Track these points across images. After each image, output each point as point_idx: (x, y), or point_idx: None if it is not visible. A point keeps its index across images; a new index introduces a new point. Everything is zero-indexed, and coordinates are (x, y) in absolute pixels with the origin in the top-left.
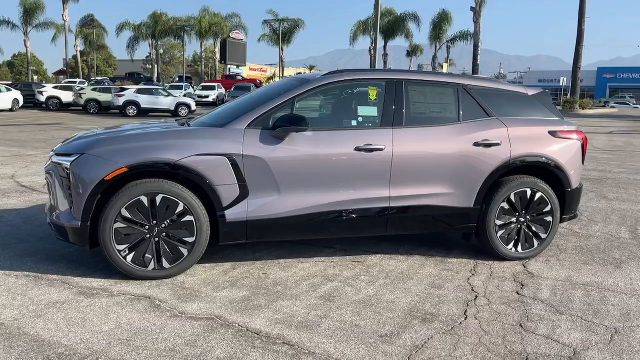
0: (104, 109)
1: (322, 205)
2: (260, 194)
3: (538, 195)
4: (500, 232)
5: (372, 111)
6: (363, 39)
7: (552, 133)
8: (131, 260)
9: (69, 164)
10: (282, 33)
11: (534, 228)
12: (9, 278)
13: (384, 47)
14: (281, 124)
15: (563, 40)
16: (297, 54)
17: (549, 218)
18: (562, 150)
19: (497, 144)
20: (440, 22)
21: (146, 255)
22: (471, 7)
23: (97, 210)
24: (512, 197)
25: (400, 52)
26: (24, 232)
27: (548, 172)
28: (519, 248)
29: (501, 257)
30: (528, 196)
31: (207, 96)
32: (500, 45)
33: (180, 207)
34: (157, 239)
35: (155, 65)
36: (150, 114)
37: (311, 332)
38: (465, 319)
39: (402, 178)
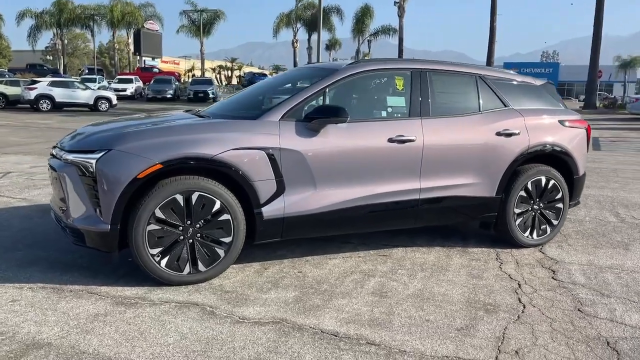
0: (11, 104)
1: (357, 199)
2: (296, 190)
3: (551, 183)
4: (518, 221)
5: (400, 101)
6: (286, 31)
7: (562, 122)
8: (166, 265)
9: (94, 162)
10: (202, 24)
11: (547, 215)
12: (24, 291)
13: (308, 40)
14: (318, 115)
15: (467, 36)
16: (207, 47)
17: (560, 205)
18: (571, 138)
19: (517, 134)
20: (363, 16)
21: (181, 258)
22: (395, 1)
23: (125, 212)
24: (529, 185)
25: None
26: (6, 240)
27: (559, 160)
28: (534, 235)
29: (518, 245)
30: (543, 184)
31: (124, 90)
32: (408, 41)
33: (217, 206)
34: (191, 240)
35: (62, 57)
36: (65, 109)
37: (388, 330)
38: (524, 308)
39: (432, 169)
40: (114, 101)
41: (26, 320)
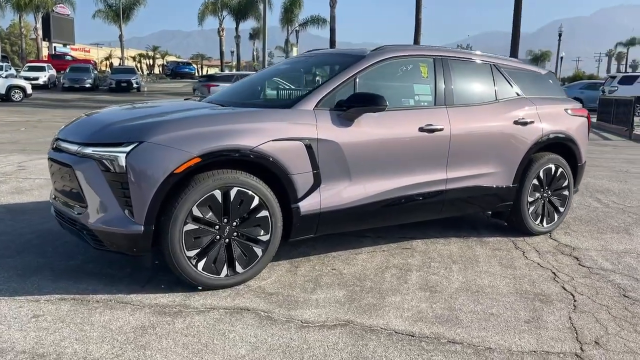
0: None
1: (390, 191)
2: (332, 182)
3: (560, 171)
4: (530, 209)
5: (426, 89)
6: (207, 19)
7: (567, 111)
8: (203, 268)
9: (123, 156)
10: (121, 9)
11: (554, 203)
12: (43, 304)
13: (236, 29)
14: (356, 103)
15: (387, 28)
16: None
17: (566, 192)
18: (575, 127)
19: (532, 123)
20: (292, 5)
21: (218, 260)
22: None
23: (160, 211)
24: (540, 174)
25: (244, 35)
26: (19, 240)
27: (566, 148)
28: (544, 223)
29: (529, 233)
30: (552, 172)
31: (36, 78)
32: (320, 31)
33: (255, 202)
34: (227, 240)
35: None
36: None
37: (460, 326)
38: (574, 296)
39: (457, 159)
40: (29, 91)
41: (64, 339)
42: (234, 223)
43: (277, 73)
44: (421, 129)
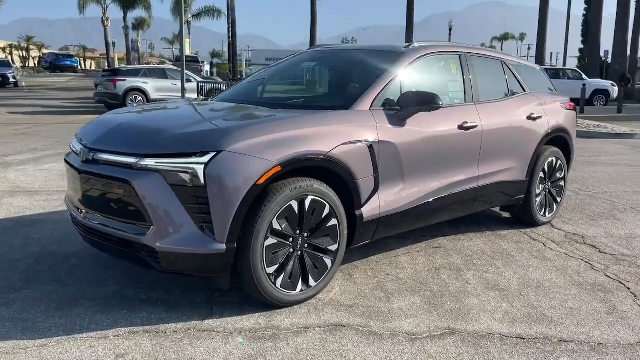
0: None
1: (437, 191)
2: (388, 186)
3: (559, 163)
4: (537, 200)
5: (457, 87)
6: (96, 7)
7: (562, 105)
8: (281, 285)
9: (201, 167)
10: None
11: (553, 194)
12: (118, 341)
13: (124, 18)
14: (411, 102)
15: (269, 20)
16: None
17: (562, 183)
18: (570, 120)
19: (540, 117)
20: None
21: (293, 275)
22: None
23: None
24: (545, 166)
25: (120, 24)
26: (16, 270)
27: (563, 141)
28: (547, 214)
29: (534, 224)
30: (553, 165)
31: None
32: (212, 24)
33: (326, 210)
34: (300, 252)
35: None
36: None
37: (557, 324)
38: (624, 284)
39: (487, 156)
40: None
41: None
42: (305, 234)
43: (300, 71)
44: (460, 127)
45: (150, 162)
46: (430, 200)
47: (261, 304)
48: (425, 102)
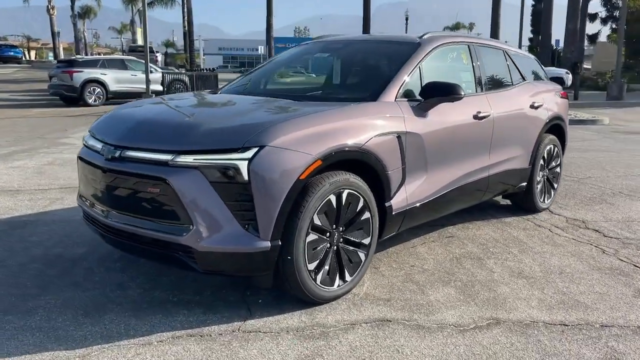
0: None
1: (455, 181)
2: (414, 177)
3: (556, 150)
4: (538, 187)
5: (468, 77)
6: None
7: (557, 93)
8: (321, 281)
9: (245, 163)
10: None
11: (551, 180)
12: (163, 347)
13: (72, 6)
14: (434, 93)
15: (220, 9)
16: None
17: (558, 170)
18: (564, 108)
19: (541, 106)
20: None
21: (331, 270)
22: None
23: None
24: (545, 154)
25: (64, 13)
26: (27, 275)
27: (559, 128)
28: (546, 200)
29: (534, 211)
30: (551, 152)
31: None
32: (161, 14)
33: (360, 204)
34: (336, 247)
35: None
36: None
37: (593, 309)
38: (638, 268)
39: (497, 144)
40: None
41: None
42: (341, 229)
43: (313, 62)
44: (474, 116)
45: (188, 159)
46: (450, 190)
47: (298, 301)
48: (448, 92)
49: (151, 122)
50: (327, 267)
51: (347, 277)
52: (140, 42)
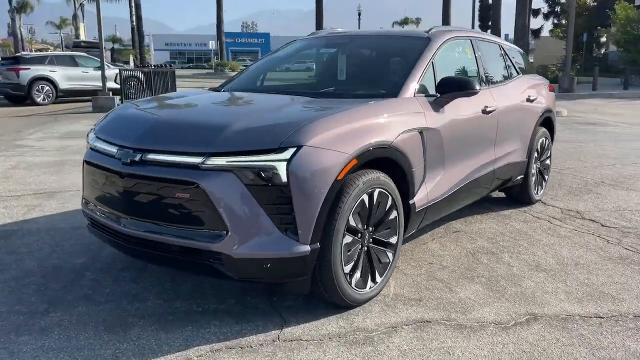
0: None
1: (468, 175)
2: (432, 173)
3: (547, 143)
4: (533, 179)
5: (473, 71)
6: None
7: (545, 86)
8: (355, 284)
9: (283, 164)
10: None
11: (543, 172)
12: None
13: (9, 2)
14: (450, 88)
15: (163, 4)
16: None
17: (548, 162)
18: (552, 101)
19: (536, 99)
20: None
21: (363, 272)
22: None
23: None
24: (538, 147)
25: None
26: (29, 290)
27: (549, 121)
28: (539, 191)
29: (528, 203)
30: (543, 145)
31: None
32: (104, 8)
33: (389, 203)
34: (366, 248)
35: None
36: None
37: (620, 300)
38: None
39: (501, 138)
40: None
41: None
42: (370, 229)
43: (318, 58)
44: (483, 111)
45: (221, 161)
46: (463, 185)
47: (328, 305)
48: (464, 87)
49: (174, 122)
50: (360, 269)
51: (378, 278)
52: (83, 37)
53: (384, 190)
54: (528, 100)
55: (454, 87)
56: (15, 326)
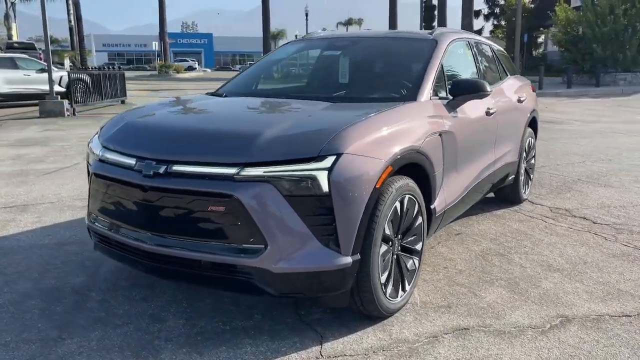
0: None
1: (477, 176)
2: (448, 176)
3: (532, 142)
4: (522, 179)
5: (475, 73)
6: None
7: (529, 87)
8: (389, 294)
9: (324, 174)
10: None
11: (529, 171)
12: None
13: None
14: (463, 91)
15: (98, 4)
16: None
17: (533, 161)
18: (536, 102)
19: (525, 100)
20: None
21: (395, 280)
22: None
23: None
24: (526, 147)
25: None
26: (32, 316)
27: (534, 122)
28: (526, 190)
29: (518, 202)
30: (529, 145)
31: None
32: (26, 6)
33: (416, 208)
34: (396, 256)
35: None
36: None
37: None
38: None
39: (499, 139)
40: None
41: None
42: (399, 236)
43: (320, 60)
44: (486, 112)
45: (257, 172)
46: (472, 187)
47: (359, 316)
48: (476, 89)
49: (200, 131)
50: (392, 278)
51: (407, 287)
52: (15, 37)
53: (412, 197)
54: (519, 101)
55: (467, 89)
56: (29, 356)
